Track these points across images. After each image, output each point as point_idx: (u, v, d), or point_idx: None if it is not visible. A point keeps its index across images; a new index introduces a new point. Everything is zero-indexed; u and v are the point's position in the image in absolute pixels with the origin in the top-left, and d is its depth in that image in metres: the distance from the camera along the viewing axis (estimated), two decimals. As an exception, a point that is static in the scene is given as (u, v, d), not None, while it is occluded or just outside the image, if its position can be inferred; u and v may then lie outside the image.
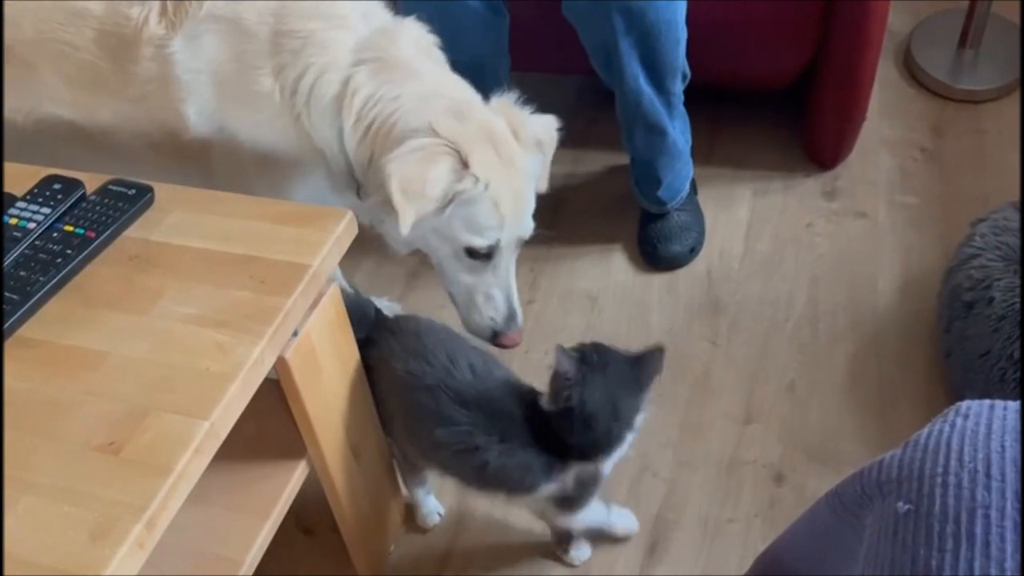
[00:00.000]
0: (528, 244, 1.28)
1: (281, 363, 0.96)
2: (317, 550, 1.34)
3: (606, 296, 1.67)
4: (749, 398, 1.49)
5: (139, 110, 1.21)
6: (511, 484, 1.12)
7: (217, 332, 0.89)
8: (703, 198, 1.77)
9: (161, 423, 0.82)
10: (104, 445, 0.81)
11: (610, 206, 1.81)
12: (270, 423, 1.08)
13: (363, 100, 1.13)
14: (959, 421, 0.69)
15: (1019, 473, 0.63)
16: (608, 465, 1.14)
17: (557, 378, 1.09)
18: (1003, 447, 0.65)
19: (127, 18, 1.17)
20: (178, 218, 1.03)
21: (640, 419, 1.12)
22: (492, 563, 1.34)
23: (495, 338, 1.28)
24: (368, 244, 1.50)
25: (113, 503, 0.76)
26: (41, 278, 0.94)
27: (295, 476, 1.07)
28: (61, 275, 0.95)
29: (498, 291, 1.24)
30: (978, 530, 0.61)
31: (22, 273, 0.95)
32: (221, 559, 1.00)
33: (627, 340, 1.56)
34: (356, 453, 1.16)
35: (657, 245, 1.70)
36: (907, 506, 0.65)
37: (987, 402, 0.70)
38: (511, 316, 1.26)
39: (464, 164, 1.10)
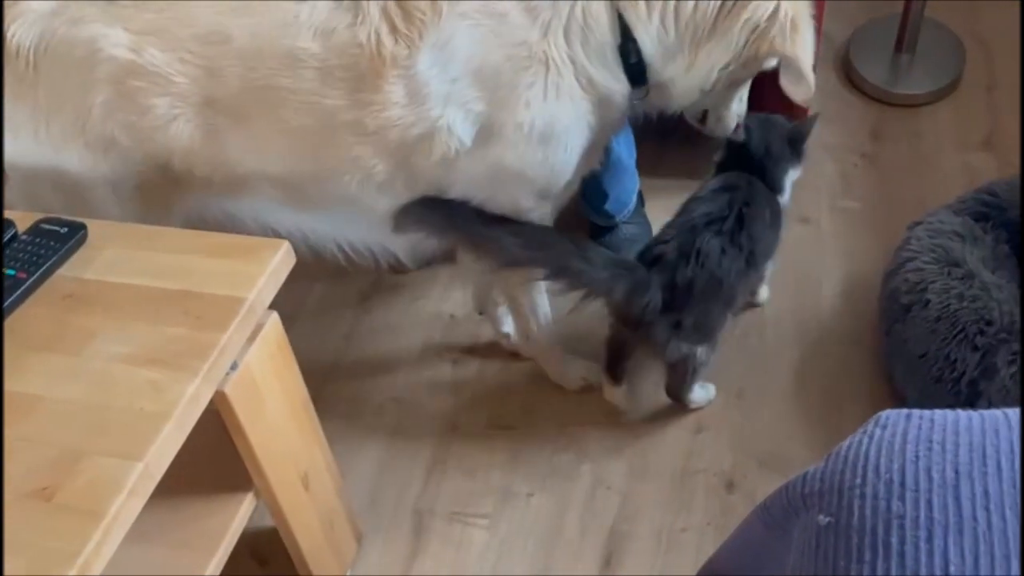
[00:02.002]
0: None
1: (220, 397, 0.96)
2: (272, 580, 1.33)
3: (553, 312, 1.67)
4: (700, 407, 1.51)
5: (373, 144, 1.15)
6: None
7: (152, 371, 0.89)
8: (651, 209, 1.79)
9: (95, 466, 0.81)
10: (37, 491, 0.80)
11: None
12: (215, 456, 1.08)
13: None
14: (877, 432, 0.71)
15: (932, 483, 0.64)
16: None
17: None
18: (917, 457, 0.67)
19: (357, 47, 1.10)
20: (112, 255, 1.02)
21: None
22: (449, 584, 1.34)
23: None
24: (319, 268, 1.51)
25: (45, 550, 0.76)
26: (-29, 323, 0.93)
27: (242, 509, 1.07)
28: (-8, 319, 0.94)
29: None
30: (893, 540, 0.63)
31: (-49, 318, 0.94)
32: (167, 598, 0.99)
33: (584, 357, 1.57)
34: (305, 482, 1.15)
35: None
36: (827, 519, 0.67)
37: (904, 412, 0.72)
38: None
39: None
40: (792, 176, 1.46)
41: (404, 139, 1.14)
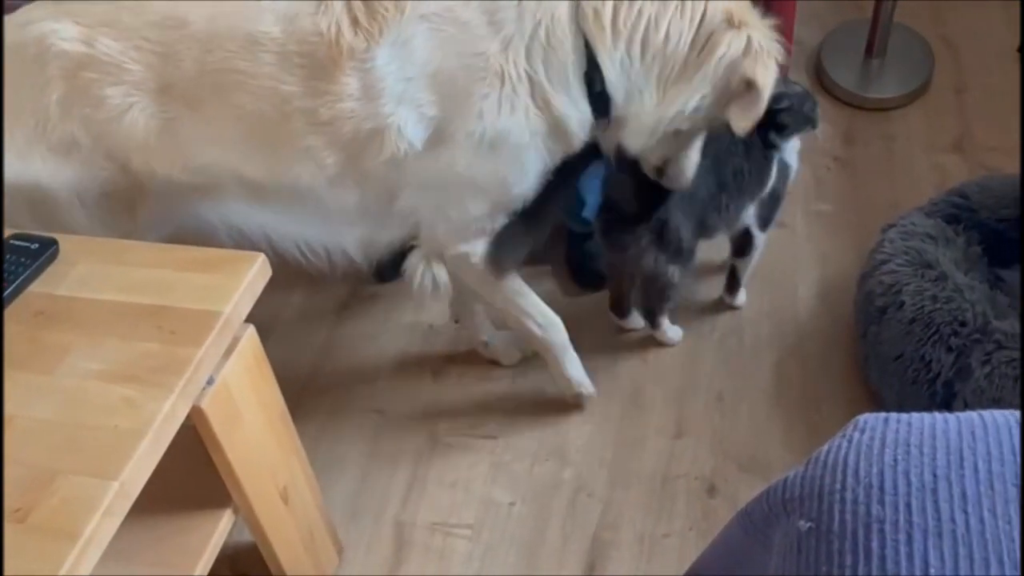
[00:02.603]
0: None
1: (197, 413, 0.94)
2: (253, 595, 1.32)
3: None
4: (680, 411, 1.52)
5: (326, 135, 1.14)
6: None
7: (126, 387, 0.88)
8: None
9: (69, 486, 0.80)
10: (10, 512, 0.79)
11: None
12: (193, 472, 1.06)
13: (610, 18, 1.10)
14: (856, 436, 0.72)
15: (910, 487, 0.65)
16: None
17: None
18: (895, 460, 0.67)
19: (316, 35, 1.10)
20: (84, 270, 1.01)
21: None
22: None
23: None
24: (297, 278, 1.50)
25: (19, 572, 0.74)
26: (-60, 341, 0.91)
27: (220, 526, 1.06)
28: (-39, 337, 0.92)
29: None
30: (874, 545, 0.63)
31: (-81, 337, 0.92)
32: (146, 617, 0.97)
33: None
34: (284, 496, 1.14)
35: (585, 264, 1.72)
36: (808, 524, 0.67)
37: (882, 415, 0.73)
38: None
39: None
40: (793, 143, 1.51)
41: (356, 134, 1.13)
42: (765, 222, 1.52)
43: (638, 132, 1.19)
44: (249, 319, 1.01)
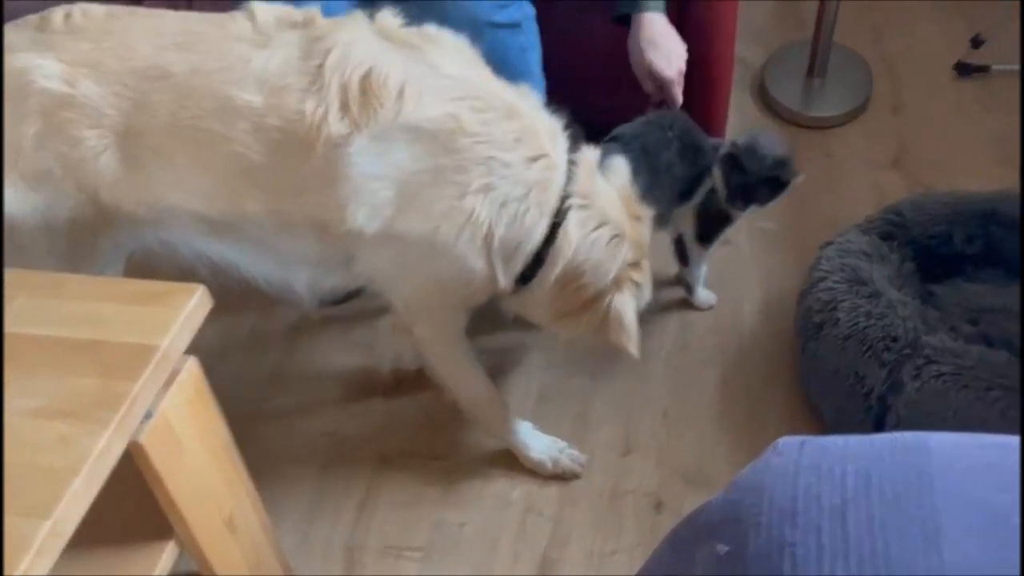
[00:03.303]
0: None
1: (135, 448, 0.94)
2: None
3: (487, 340, 1.69)
4: (627, 428, 1.54)
5: (290, 203, 1.15)
6: None
7: (61, 424, 0.87)
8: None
9: None
10: (-60, 554, 0.78)
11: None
12: (133, 503, 1.06)
13: (574, 247, 1.19)
14: (773, 460, 0.74)
15: (821, 510, 0.67)
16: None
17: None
18: (808, 484, 0.70)
19: (298, 113, 1.10)
20: (22, 304, 1.00)
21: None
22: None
23: None
24: (249, 301, 1.50)
25: (-52, 617, 0.74)
26: None
27: (163, 559, 1.05)
28: None
29: None
30: (786, 568, 0.65)
31: None
32: (85, 655, 0.97)
33: (509, 384, 1.59)
34: (230, 525, 1.14)
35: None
36: (726, 548, 0.69)
37: (799, 439, 0.75)
38: None
39: None
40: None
41: (318, 208, 1.15)
42: (703, 238, 1.55)
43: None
44: (197, 344, 1.01)
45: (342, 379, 1.63)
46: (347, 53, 1.10)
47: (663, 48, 1.41)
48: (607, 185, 1.26)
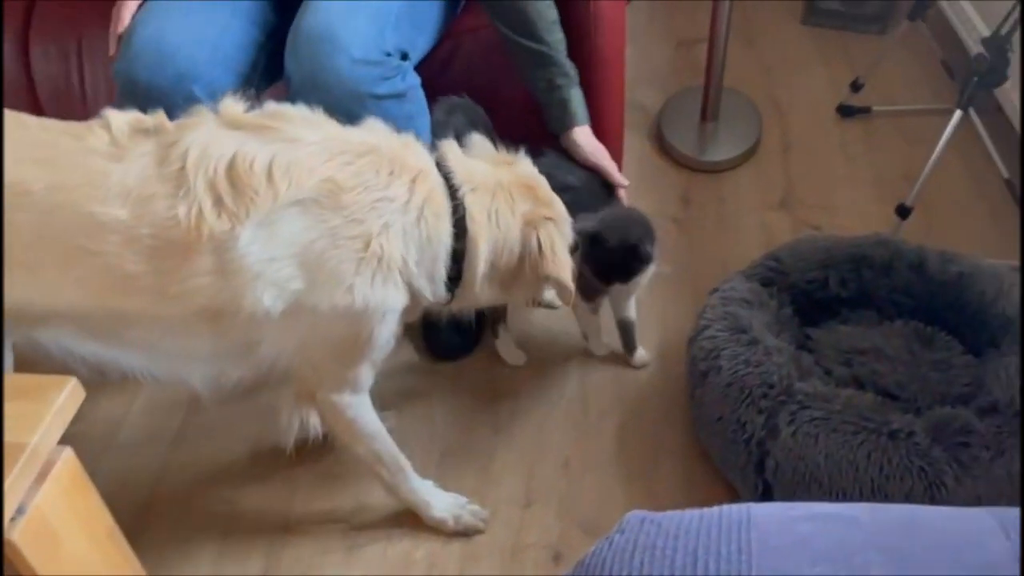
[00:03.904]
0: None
1: (8, 546, 0.94)
2: None
3: (391, 392, 1.71)
4: (529, 480, 1.57)
5: (176, 305, 1.14)
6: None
7: (-78, 531, 0.87)
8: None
9: None
10: None
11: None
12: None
13: (486, 224, 1.25)
14: (616, 538, 0.78)
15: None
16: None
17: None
18: (642, 563, 0.74)
19: (171, 219, 1.09)
20: None
21: None
22: None
23: None
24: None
25: None
26: None
27: (43, 653, 1.04)
28: None
29: None
30: (618, 647, 0.69)
31: None
32: None
33: (411, 441, 1.61)
34: (118, 611, 1.13)
35: (440, 336, 1.77)
36: (569, 628, 0.73)
37: (641, 516, 0.80)
38: None
39: None
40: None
41: (210, 303, 1.14)
42: (584, 295, 1.58)
43: (482, 302, 1.37)
44: (93, 416, 0.99)
45: (243, 445, 1.63)
46: (205, 151, 1.11)
47: (595, 152, 1.59)
48: (475, 160, 1.32)
